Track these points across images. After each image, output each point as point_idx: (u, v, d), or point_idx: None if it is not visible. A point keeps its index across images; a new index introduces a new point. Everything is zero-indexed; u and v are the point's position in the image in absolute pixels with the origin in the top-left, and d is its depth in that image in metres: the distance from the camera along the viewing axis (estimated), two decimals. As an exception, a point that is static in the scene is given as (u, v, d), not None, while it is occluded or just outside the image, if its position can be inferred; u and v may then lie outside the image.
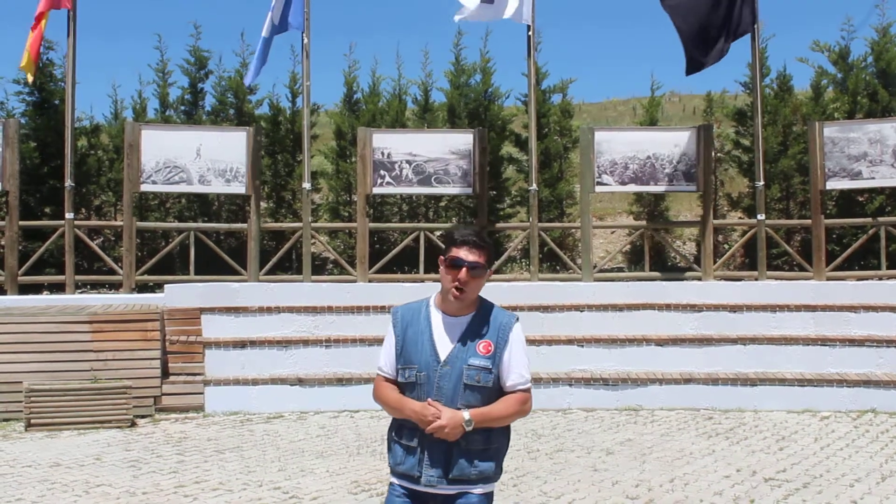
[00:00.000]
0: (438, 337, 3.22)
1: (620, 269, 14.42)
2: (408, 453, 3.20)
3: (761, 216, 11.70)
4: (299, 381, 9.71)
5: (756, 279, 11.58)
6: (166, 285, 10.68)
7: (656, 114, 15.35)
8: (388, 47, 31.19)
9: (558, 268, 13.65)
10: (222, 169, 11.69)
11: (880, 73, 14.32)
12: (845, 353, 9.88)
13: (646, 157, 11.83)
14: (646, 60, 52.61)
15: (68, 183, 11.49)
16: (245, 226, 12.39)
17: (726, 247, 14.20)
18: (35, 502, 6.21)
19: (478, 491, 3.21)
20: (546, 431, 8.51)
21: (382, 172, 11.89)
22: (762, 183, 11.77)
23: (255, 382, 9.68)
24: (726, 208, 15.21)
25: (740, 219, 14.59)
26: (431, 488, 3.18)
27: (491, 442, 3.22)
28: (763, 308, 10.43)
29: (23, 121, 13.56)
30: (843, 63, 14.62)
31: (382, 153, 11.90)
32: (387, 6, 64.55)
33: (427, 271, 12.07)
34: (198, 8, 55.35)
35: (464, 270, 3.18)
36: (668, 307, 10.56)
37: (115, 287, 12.46)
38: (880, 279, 11.55)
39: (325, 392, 9.67)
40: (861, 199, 13.91)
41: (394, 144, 11.95)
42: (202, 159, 11.65)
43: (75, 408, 8.75)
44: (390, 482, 3.31)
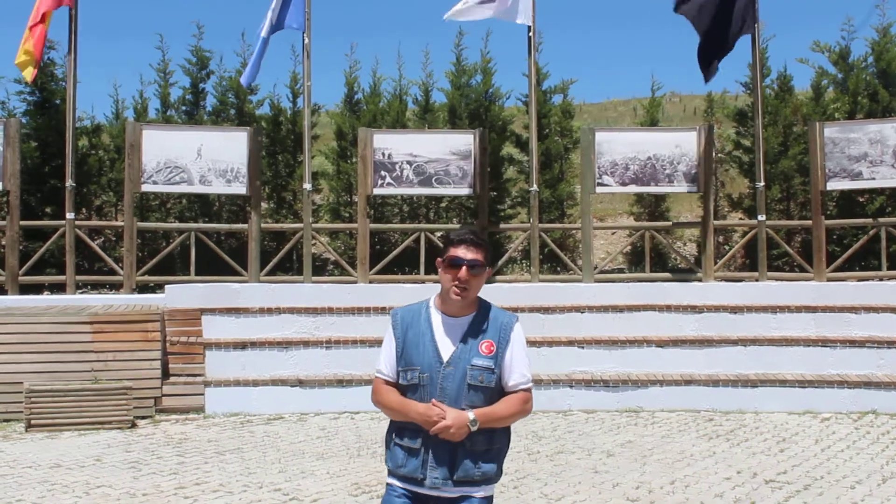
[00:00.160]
0: (440, 338, 3.21)
1: (621, 271, 14.42)
2: (410, 455, 3.18)
3: (762, 217, 11.70)
4: (300, 383, 9.71)
5: (757, 280, 11.58)
6: (167, 286, 10.69)
7: (657, 114, 15.35)
8: (389, 48, 31.25)
9: (559, 269, 13.65)
10: (223, 169, 11.69)
11: (881, 74, 14.32)
12: (846, 354, 9.89)
13: (646, 157, 11.82)
14: (646, 61, 52.74)
15: (69, 183, 11.49)
16: (246, 226, 12.39)
17: (727, 248, 14.19)
18: (35, 503, 6.23)
19: (479, 494, 3.20)
20: (546, 433, 8.51)
21: (383, 173, 11.89)
22: (763, 183, 11.77)
23: (255, 383, 9.68)
24: (727, 209, 15.22)
25: (741, 219, 14.60)
26: (435, 490, 3.15)
27: (493, 443, 3.21)
28: (764, 309, 10.43)
29: (24, 120, 13.55)
30: (843, 63, 14.61)
31: (383, 154, 11.89)
32: (387, 7, 64.62)
33: (428, 272, 12.06)
34: (199, 8, 55.44)
35: (464, 269, 3.17)
36: (668, 308, 10.56)
37: (115, 287, 12.47)
38: (881, 280, 11.55)
39: (325, 393, 9.67)
40: (862, 200, 13.90)
41: (394, 145, 11.94)
42: (203, 159, 11.64)
43: (76, 408, 8.75)
44: (388, 483, 3.26)
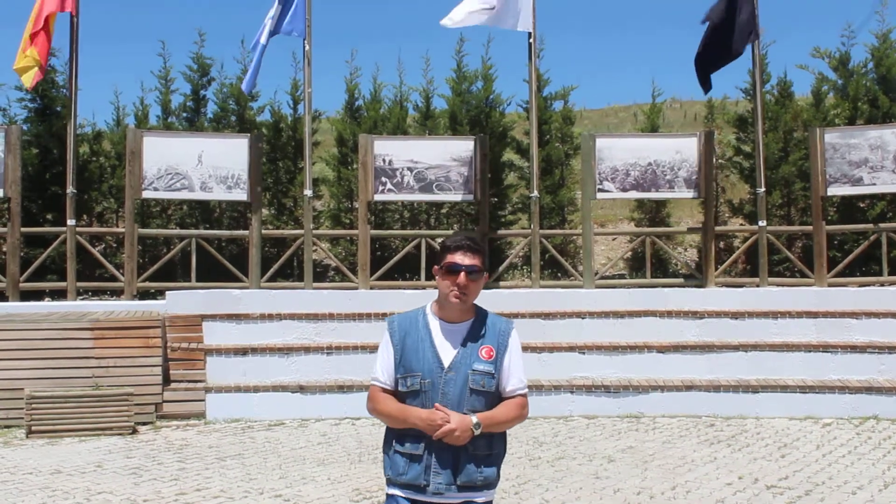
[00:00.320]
0: (440, 344, 3.21)
1: (622, 276, 14.42)
2: (412, 462, 3.16)
3: (762, 222, 11.71)
4: (301, 389, 9.71)
5: (757, 285, 11.57)
6: (168, 292, 10.69)
7: (657, 120, 15.37)
8: (390, 54, 31.37)
9: (560, 275, 13.65)
10: (224, 176, 11.71)
11: (881, 79, 14.34)
12: (847, 359, 9.87)
13: (647, 163, 11.83)
14: (647, 67, 52.86)
15: (70, 189, 11.51)
16: (246, 233, 12.41)
17: (728, 253, 14.18)
18: (36, 510, 6.22)
19: (481, 500, 3.20)
20: (547, 439, 8.50)
21: (384, 179, 11.90)
22: (763, 189, 11.79)
23: (256, 389, 9.68)
24: (727, 215, 15.23)
25: (741, 225, 14.60)
26: (439, 496, 3.14)
27: (493, 447, 3.22)
28: (764, 314, 10.42)
29: (25, 127, 13.59)
30: (843, 69, 14.64)
31: (384, 160, 11.90)
32: (388, 13, 64.77)
33: (429, 278, 12.06)
34: (199, 15, 55.58)
35: (462, 274, 3.18)
36: (669, 314, 10.54)
37: (116, 294, 12.48)
38: (882, 285, 11.55)
39: (326, 399, 9.66)
40: (862, 206, 13.91)
41: (395, 151, 11.96)
42: (204, 166, 11.66)
43: (76, 415, 8.74)
44: (388, 494, 3.23)
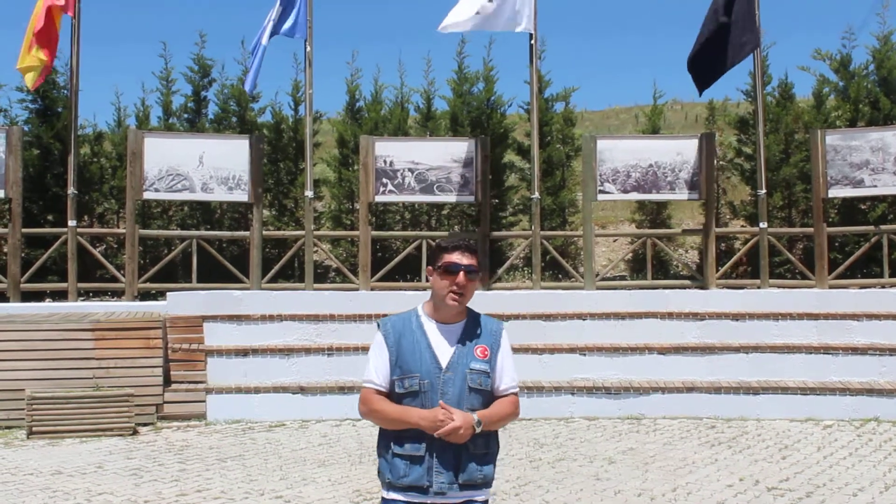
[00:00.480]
0: (436, 344, 3.23)
1: (623, 278, 14.42)
2: (413, 463, 3.15)
3: (763, 224, 11.70)
4: (301, 390, 9.70)
5: (758, 287, 11.57)
6: (168, 293, 10.70)
7: (658, 122, 15.37)
8: (391, 55, 31.36)
9: (560, 276, 13.64)
10: (225, 177, 11.71)
11: (882, 81, 14.33)
12: (848, 361, 9.87)
13: (648, 165, 11.83)
14: (648, 68, 52.82)
15: (71, 190, 11.51)
16: (247, 234, 12.41)
17: (728, 255, 14.18)
18: (37, 511, 6.22)
19: (481, 498, 3.21)
20: (548, 440, 8.49)
21: (385, 180, 11.91)
22: (764, 191, 11.78)
23: (257, 391, 9.68)
24: (728, 216, 15.22)
25: (742, 227, 14.59)
26: (441, 496, 3.14)
27: (490, 446, 3.24)
28: (765, 316, 10.42)
29: (26, 128, 13.60)
30: (844, 71, 14.63)
31: (385, 161, 11.91)
32: (389, 14, 64.80)
33: (429, 279, 12.04)
34: (200, 16, 55.62)
35: (461, 274, 3.21)
36: (670, 315, 10.54)
37: (117, 295, 12.49)
38: (883, 287, 11.53)
39: (327, 400, 9.66)
40: (863, 207, 13.90)
41: (396, 152, 11.96)
42: (205, 167, 11.67)
43: (77, 415, 8.74)
44: (389, 500, 3.19)
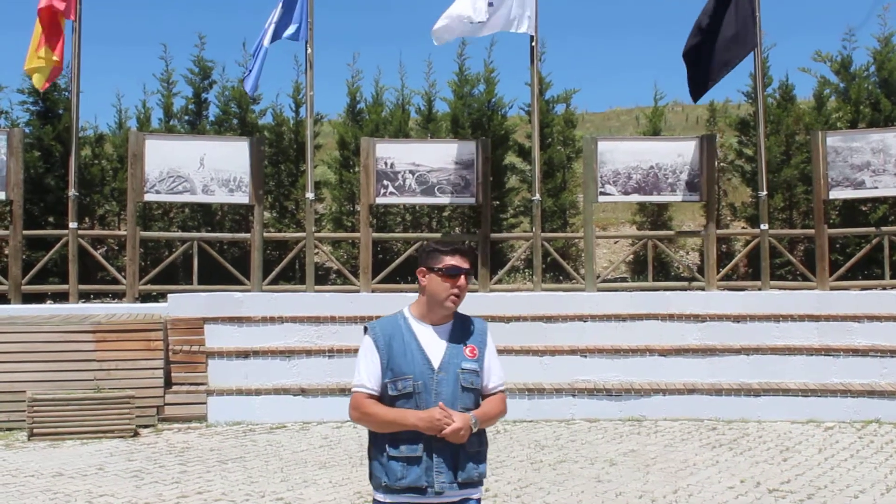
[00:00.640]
0: (427, 346, 3.26)
1: (623, 279, 14.42)
2: (410, 464, 3.15)
3: (764, 226, 11.70)
4: (302, 392, 9.70)
5: (759, 289, 11.56)
6: (169, 295, 10.70)
7: (659, 123, 15.36)
8: (392, 57, 31.35)
9: (561, 278, 13.64)
10: (226, 178, 11.72)
11: (883, 83, 14.32)
12: (849, 363, 9.87)
13: (649, 166, 11.84)
14: (649, 70, 52.80)
15: (72, 192, 11.52)
16: (248, 235, 12.41)
17: (729, 257, 14.17)
18: (38, 513, 6.22)
19: (476, 496, 3.26)
20: (549, 442, 8.49)
21: (385, 182, 11.91)
22: (765, 192, 11.78)
23: (258, 392, 9.67)
24: (729, 218, 15.22)
25: (743, 228, 14.58)
26: (439, 496, 3.16)
27: (482, 444, 3.29)
28: (766, 318, 10.41)
29: (27, 130, 13.61)
30: (845, 73, 14.62)
31: (385, 163, 11.91)
32: (390, 17, 64.82)
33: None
34: (201, 18, 55.67)
35: (462, 277, 3.28)
36: (671, 317, 10.54)
37: (118, 296, 12.49)
38: (884, 289, 11.53)
39: (327, 402, 9.64)
40: (864, 209, 13.90)
41: (397, 154, 11.97)
42: (206, 169, 11.67)
43: (78, 417, 8.74)
44: (384, 502, 3.19)
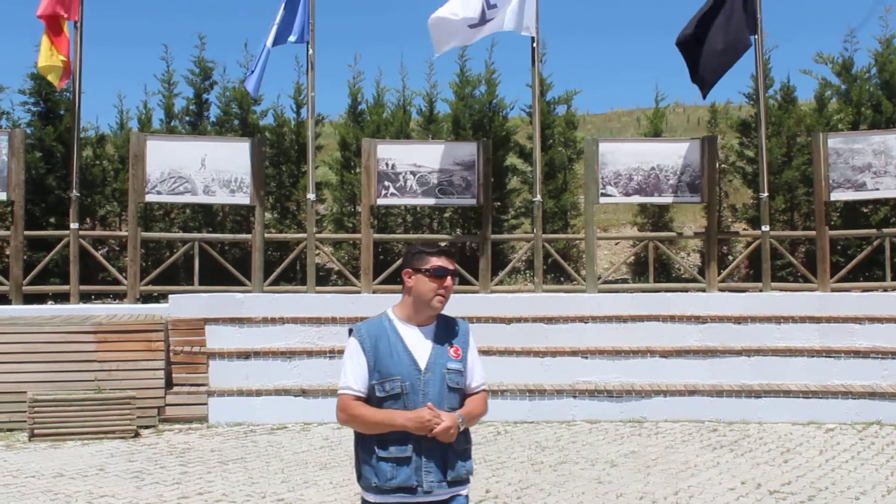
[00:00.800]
0: (413, 347, 3.30)
1: (625, 281, 14.41)
2: (399, 465, 3.19)
3: (765, 227, 11.70)
4: (303, 392, 9.71)
5: (760, 290, 11.56)
6: (171, 296, 10.70)
7: (660, 125, 15.36)
8: (393, 58, 31.37)
9: (562, 279, 13.64)
10: (227, 179, 11.72)
11: (884, 85, 14.31)
12: (850, 364, 9.86)
13: (650, 168, 11.83)
14: (650, 71, 52.74)
15: (73, 193, 11.53)
16: (249, 236, 12.41)
17: (730, 258, 14.17)
18: (38, 513, 6.22)
19: (465, 492, 3.32)
20: (550, 443, 8.49)
21: (387, 183, 11.91)
22: (766, 194, 11.77)
23: (258, 393, 9.68)
24: (730, 219, 15.21)
25: (744, 230, 14.57)
26: (428, 495, 3.20)
27: (468, 442, 3.36)
28: (767, 319, 10.41)
29: (28, 130, 13.61)
30: (846, 74, 14.61)
31: (387, 164, 11.91)
32: (391, 17, 64.82)
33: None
34: (201, 19, 55.69)
35: (449, 278, 3.36)
36: (672, 318, 10.54)
37: (119, 297, 12.49)
38: (885, 290, 11.52)
39: (329, 403, 9.62)
40: (865, 210, 13.89)
41: (398, 155, 11.97)
42: (207, 170, 11.68)
43: (79, 418, 8.76)
44: (374, 503, 3.22)
